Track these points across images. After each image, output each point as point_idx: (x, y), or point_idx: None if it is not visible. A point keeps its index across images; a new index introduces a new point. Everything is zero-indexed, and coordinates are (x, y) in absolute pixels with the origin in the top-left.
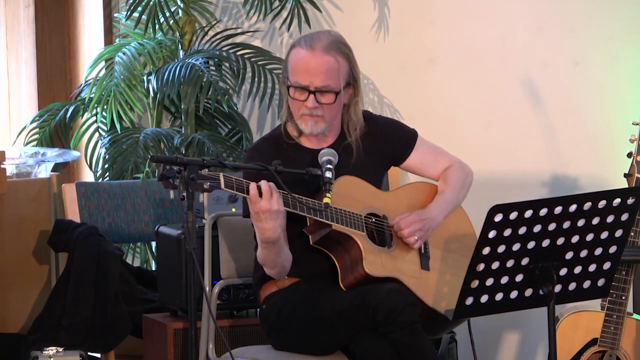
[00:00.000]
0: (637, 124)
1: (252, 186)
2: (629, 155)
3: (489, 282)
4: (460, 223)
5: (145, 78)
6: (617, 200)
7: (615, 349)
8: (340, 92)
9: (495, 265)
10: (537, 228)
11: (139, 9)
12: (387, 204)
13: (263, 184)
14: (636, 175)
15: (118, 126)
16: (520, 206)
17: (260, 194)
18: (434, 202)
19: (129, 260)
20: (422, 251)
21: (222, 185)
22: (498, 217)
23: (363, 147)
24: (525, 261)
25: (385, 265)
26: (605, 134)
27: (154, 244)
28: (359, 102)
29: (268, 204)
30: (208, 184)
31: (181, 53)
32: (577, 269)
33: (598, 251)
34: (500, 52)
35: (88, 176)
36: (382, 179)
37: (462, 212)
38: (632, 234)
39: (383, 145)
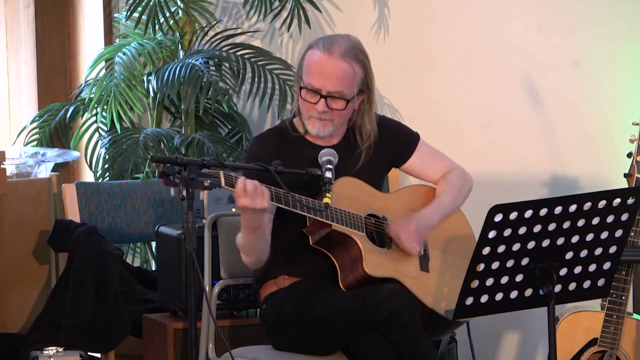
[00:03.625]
0: (637, 124)
1: (240, 181)
2: (629, 155)
3: (489, 282)
4: (458, 225)
5: (145, 78)
6: (617, 200)
7: (615, 349)
8: (352, 99)
9: (495, 265)
10: (537, 228)
11: (139, 9)
12: (387, 205)
13: (248, 184)
14: (636, 175)
15: (118, 126)
16: (520, 206)
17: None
18: (430, 206)
19: (129, 260)
20: (422, 252)
21: (223, 183)
22: (498, 217)
23: (366, 149)
24: (525, 261)
25: (385, 265)
26: (605, 134)
27: (154, 244)
28: (371, 110)
29: (252, 203)
30: (209, 181)
31: (181, 53)
32: (577, 269)
33: (598, 251)
34: (500, 52)
35: (88, 176)
36: (383, 180)
37: (461, 214)
38: (632, 234)
39: (385, 146)
